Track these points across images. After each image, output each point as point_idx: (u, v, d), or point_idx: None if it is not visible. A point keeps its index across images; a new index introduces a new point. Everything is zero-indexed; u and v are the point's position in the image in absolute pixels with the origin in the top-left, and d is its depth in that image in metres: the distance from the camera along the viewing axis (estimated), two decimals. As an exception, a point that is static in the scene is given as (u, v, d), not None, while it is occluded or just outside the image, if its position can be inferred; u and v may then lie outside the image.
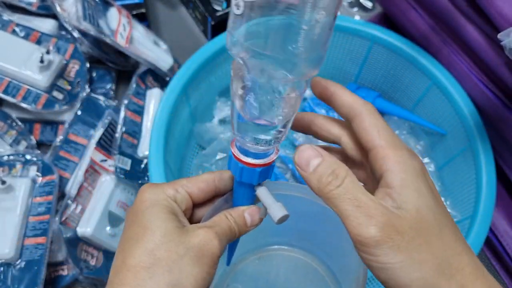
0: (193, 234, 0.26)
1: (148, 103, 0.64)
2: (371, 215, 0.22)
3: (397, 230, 0.22)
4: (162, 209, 0.26)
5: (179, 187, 0.28)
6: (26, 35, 0.62)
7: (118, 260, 0.25)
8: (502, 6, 0.44)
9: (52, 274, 0.54)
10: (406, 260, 0.22)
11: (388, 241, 0.22)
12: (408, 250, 0.22)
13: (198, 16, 0.74)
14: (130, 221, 0.27)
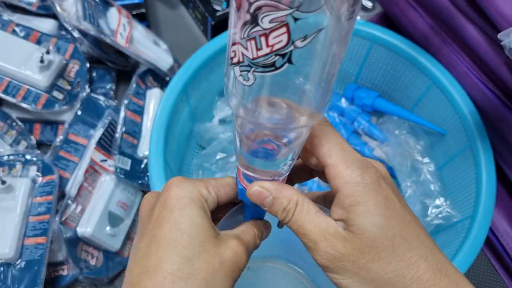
0: (226, 246, 0.25)
1: (148, 103, 0.64)
2: (316, 241, 0.24)
3: (341, 253, 0.23)
4: (199, 212, 0.25)
5: (211, 188, 0.27)
6: (26, 35, 0.63)
7: (151, 260, 0.23)
8: (502, 6, 0.44)
9: (52, 274, 0.54)
10: (356, 281, 0.23)
11: (334, 265, 0.23)
12: (355, 270, 0.23)
13: (198, 16, 0.74)
14: (161, 217, 0.25)
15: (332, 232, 0.24)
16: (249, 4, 0.17)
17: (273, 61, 0.18)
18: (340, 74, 0.65)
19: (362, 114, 0.64)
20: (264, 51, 0.18)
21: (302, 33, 0.17)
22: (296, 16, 0.17)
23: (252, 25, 0.18)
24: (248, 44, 0.18)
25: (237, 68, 0.19)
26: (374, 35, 0.58)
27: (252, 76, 0.19)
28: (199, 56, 0.55)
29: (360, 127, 0.63)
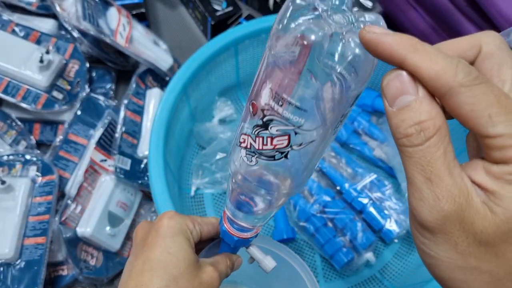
0: (205, 270, 0.31)
1: (148, 103, 0.64)
2: (439, 196, 0.18)
3: (464, 226, 0.18)
4: (186, 241, 0.30)
5: (196, 225, 0.33)
6: (25, 35, 0.62)
7: (144, 277, 0.28)
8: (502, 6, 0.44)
9: (52, 274, 0.54)
10: (457, 261, 0.18)
11: (446, 233, 0.18)
12: (466, 253, 0.18)
13: (198, 16, 0.74)
14: (154, 242, 0.30)
15: (466, 194, 0.18)
16: (263, 116, 0.22)
17: (273, 154, 0.23)
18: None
19: (362, 113, 0.64)
20: (268, 147, 0.23)
21: (298, 142, 0.22)
22: (297, 131, 0.21)
23: (262, 129, 0.22)
24: (257, 139, 0.23)
25: (244, 151, 0.24)
26: (374, 35, 0.58)
27: (255, 160, 0.24)
28: (199, 56, 0.55)
29: (360, 127, 0.63)
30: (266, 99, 0.21)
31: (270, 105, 0.21)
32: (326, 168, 0.60)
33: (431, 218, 0.18)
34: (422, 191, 0.18)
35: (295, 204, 0.57)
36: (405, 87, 0.18)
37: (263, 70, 0.21)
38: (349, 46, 0.19)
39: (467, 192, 0.18)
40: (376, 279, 0.56)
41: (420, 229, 0.19)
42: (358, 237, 0.55)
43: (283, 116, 0.21)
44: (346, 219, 0.56)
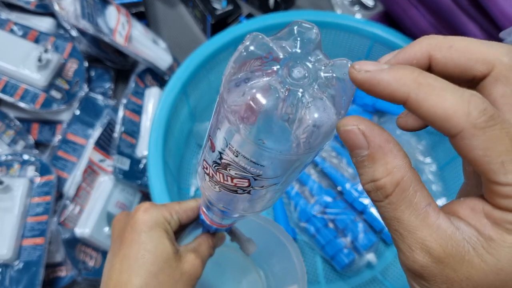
0: (185, 260, 0.30)
1: (147, 102, 0.64)
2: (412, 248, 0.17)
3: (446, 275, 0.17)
4: (162, 234, 0.30)
5: (174, 213, 0.32)
6: (24, 34, 0.62)
7: (123, 276, 0.28)
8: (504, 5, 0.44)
9: (50, 275, 0.54)
10: None
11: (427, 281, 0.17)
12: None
13: (197, 14, 0.74)
14: (131, 239, 0.29)
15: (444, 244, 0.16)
16: (221, 158, 0.20)
17: (235, 190, 0.22)
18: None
19: (364, 113, 0.64)
20: (229, 183, 0.21)
21: (259, 185, 0.21)
22: (256, 178, 0.20)
23: (221, 168, 0.21)
24: (218, 173, 0.22)
25: (207, 177, 0.23)
26: (375, 33, 0.58)
27: (218, 189, 0.23)
28: (199, 55, 0.55)
29: (361, 127, 0.63)
30: (221, 145, 0.20)
31: (225, 152, 0.20)
32: (327, 169, 0.59)
33: (410, 267, 0.17)
34: (396, 242, 0.18)
35: (296, 204, 0.57)
36: (356, 141, 0.17)
37: (216, 113, 0.20)
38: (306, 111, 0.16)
39: (446, 241, 0.16)
40: (377, 280, 0.55)
41: (406, 272, 0.18)
42: (359, 238, 0.54)
43: (239, 165, 0.20)
44: (347, 220, 0.55)
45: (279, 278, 0.42)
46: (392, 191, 0.17)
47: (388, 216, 0.17)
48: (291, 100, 0.16)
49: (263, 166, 0.19)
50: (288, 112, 0.16)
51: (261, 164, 0.19)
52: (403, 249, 0.17)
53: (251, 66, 0.17)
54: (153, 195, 0.46)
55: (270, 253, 0.41)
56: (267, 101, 0.16)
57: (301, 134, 0.17)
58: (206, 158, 0.22)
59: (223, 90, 0.18)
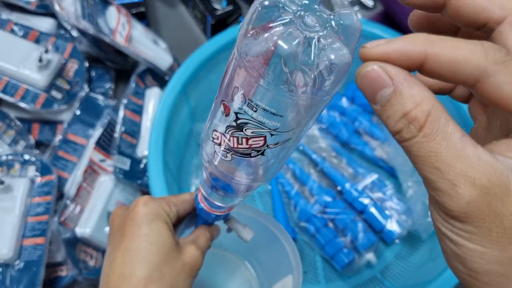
0: (186, 251, 0.31)
1: (147, 102, 0.64)
2: (455, 183, 0.16)
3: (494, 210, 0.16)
4: (164, 226, 0.30)
5: (172, 206, 0.32)
6: (24, 34, 0.62)
7: (126, 268, 0.28)
8: (504, 5, 0.44)
9: (50, 275, 0.54)
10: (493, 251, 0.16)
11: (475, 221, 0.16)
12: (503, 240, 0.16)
13: (197, 15, 0.74)
14: (132, 231, 0.29)
15: (488, 174, 0.16)
16: (237, 118, 0.21)
17: (249, 153, 0.22)
18: (341, 73, 0.65)
19: (363, 113, 0.64)
20: (244, 146, 0.22)
21: (275, 141, 0.22)
22: (273, 133, 0.21)
23: (236, 130, 0.22)
24: (231, 138, 0.22)
25: (218, 147, 0.24)
26: (375, 34, 0.58)
27: (230, 157, 0.23)
28: (199, 55, 0.55)
29: (361, 127, 0.63)
30: (238, 104, 0.20)
31: (243, 109, 0.20)
32: (327, 168, 0.59)
33: (454, 207, 0.16)
34: (435, 182, 0.16)
35: (296, 204, 0.57)
36: (379, 81, 0.17)
37: (232, 73, 0.20)
38: (323, 52, 0.18)
39: (490, 171, 0.16)
40: (377, 279, 0.55)
41: (445, 219, 0.17)
42: (359, 237, 0.54)
43: (257, 121, 0.20)
44: (347, 220, 0.55)
45: (271, 272, 0.42)
46: (425, 120, 0.16)
47: (424, 153, 0.16)
48: (309, 44, 0.18)
49: (282, 117, 0.20)
50: (308, 55, 0.18)
51: (280, 114, 0.20)
52: (444, 187, 0.16)
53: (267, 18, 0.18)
54: (153, 195, 0.46)
55: (260, 246, 0.41)
56: (288, 45, 0.17)
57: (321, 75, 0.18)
58: (217, 127, 0.23)
59: (241, 45, 0.19)
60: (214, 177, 0.27)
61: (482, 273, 0.17)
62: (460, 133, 0.16)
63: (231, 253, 0.47)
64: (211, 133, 0.24)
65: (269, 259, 0.42)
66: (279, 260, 0.39)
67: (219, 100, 0.22)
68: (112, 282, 0.28)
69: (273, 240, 0.38)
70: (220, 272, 0.46)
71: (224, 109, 0.22)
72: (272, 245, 0.39)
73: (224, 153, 0.24)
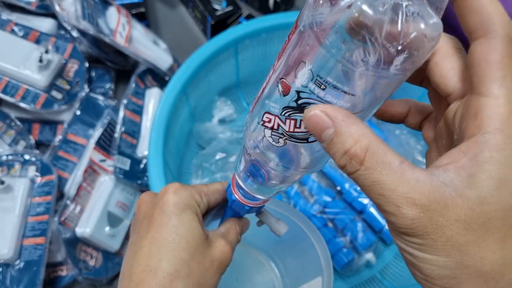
0: (215, 246, 0.28)
1: (147, 102, 0.64)
2: (398, 205, 0.18)
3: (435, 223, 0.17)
4: (193, 218, 0.28)
5: (203, 195, 0.30)
6: (25, 35, 0.62)
7: (152, 261, 0.26)
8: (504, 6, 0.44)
9: (51, 274, 0.54)
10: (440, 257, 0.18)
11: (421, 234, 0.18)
12: (447, 249, 0.18)
13: (197, 15, 0.74)
14: (160, 221, 0.27)
15: (426, 192, 0.17)
16: (298, 98, 0.19)
17: (307, 137, 0.20)
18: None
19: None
20: (302, 129, 0.20)
21: None
22: None
23: (295, 112, 0.19)
24: (287, 121, 0.20)
25: (269, 131, 0.21)
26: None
27: (283, 142, 0.21)
28: (199, 55, 0.55)
29: (360, 127, 0.63)
30: (303, 81, 0.18)
31: (309, 87, 0.18)
32: (326, 168, 0.59)
33: (401, 225, 0.18)
34: (382, 206, 0.18)
35: (295, 204, 0.57)
36: (322, 123, 0.19)
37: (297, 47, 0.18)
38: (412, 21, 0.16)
39: (428, 190, 0.17)
40: (376, 279, 0.55)
41: (398, 234, 0.19)
42: (358, 237, 0.54)
43: (324, 101, 0.18)
44: (347, 220, 0.55)
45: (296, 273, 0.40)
46: (364, 155, 0.18)
47: (368, 183, 0.18)
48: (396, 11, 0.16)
49: (353, 96, 0.18)
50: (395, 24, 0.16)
51: (352, 92, 0.17)
52: (390, 210, 0.18)
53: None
54: (154, 195, 0.46)
55: (287, 243, 0.39)
56: (374, 12, 0.15)
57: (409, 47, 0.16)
58: (270, 108, 0.20)
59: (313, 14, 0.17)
60: (255, 164, 0.25)
61: (436, 278, 0.18)
62: (398, 160, 0.18)
63: (255, 250, 0.44)
64: (261, 116, 0.21)
65: (295, 259, 0.40)
66: (307, 260, 0.36)
67: (276, 78, 0.19)
68: (136, 274, 0.26)
69: (302, 239, 0.36)
70: (242, 268, 0.44)
71: (283, 88, 0.19)
72: (300, 244, 0.36)
73: (276, 137, 0.21)
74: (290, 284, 0.41)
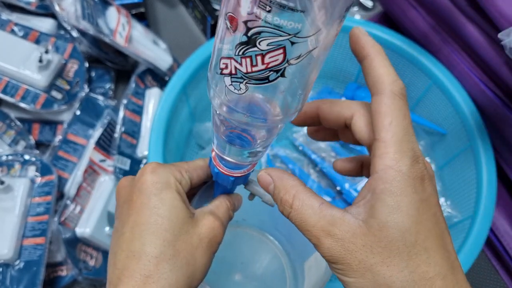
0: (202, 223, 0.27)
1: (147, 102, 0.64)
2: (319, 237, 0.22)
3: (347, 249, 0.21)
4: (175, 196, 0.27)
5: (184, 172, 0.29)
6: (25, 35, 0.62)
7: (135, 245, 0.25)
8: (503, 6, 0.44)
9: (51, 274, 0.54)
10: (360, 282, 0.21)
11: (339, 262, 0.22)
12: (361, 270, 0.21)
13: (197, 15, 0.74)
14: (140, 203, 0.26)
15: (338, 225, 0.22)
16: (247, 29, 0.18)
17: (267, 75, 0.19)
18: (341, 73, 0.65)
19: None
20: (259, 67, 0.19)
21: (297, 53, 0.18)
22: (293, 40, 0.18)
23: (248, 46, 0.18)
24: (243, 60, 0.19)
25: (228, 79, 0.20)
26: (374, 34, 0.58)
27: (244, 87, 0.20)
28: (199, 55, 0.55)
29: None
30: (248, 7, 0.17)
31: (254, 13, 0.17)
32: (326, 168, 0.59)
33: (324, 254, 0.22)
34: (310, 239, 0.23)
35: (295, 204, 0.57)
36: (267, 180, 0.25)
37: None
38: None
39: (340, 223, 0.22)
40: (376, 279, 0.55)
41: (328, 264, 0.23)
42: (358, 237, 0.54)
43: (273, 24, 0.17)
44: (346, 219, 0.55)
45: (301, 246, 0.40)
46: (292, 201, 0.23)
47: (298, 222, 0.23)
48: None
49: (303, 13, 0.16)
50: None
51: (301, 9, 0.16)
52: (314, 242, 0.23)
53: None
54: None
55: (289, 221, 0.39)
56: None
57: None
58: (223, 52, 0.20)
59: None
60: (227, 125, 0.24)
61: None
62: (319, 202, 0.23)
63: (257, 230, 0.43)
64: (218, 64, 0.20)
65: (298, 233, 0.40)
66: None
67: (224, 16, 0.19)
68: (120, 261, 0.25)
69: None
70: (245, 250, 0.43)
71: (231, 23, 0.18)
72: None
73: (237, 84, 0.20)
74: (297, 258, 0.41)
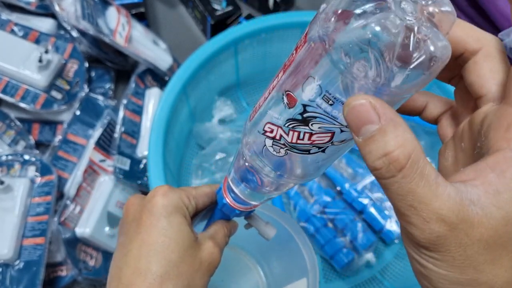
0: (204, 248, 0.29)
1: (147, 102, 0.64)
2: (427, 220, 0.17)
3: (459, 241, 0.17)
4: (182, 220, 0.28)
5: (191, 198, 0.30)
6: (24, 35, 0.62)
7: (141, 263, 0.26)
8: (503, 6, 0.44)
9: (50, 274, 0.54)
10: (455, 274, 0.18)
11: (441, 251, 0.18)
12: (464, 265, 0.18)
13: (197, 15, 0.74)
14: (149, 223, 0.27)
15: (456, 211, 0.17)
16: (304, 111, 0.19)
17: (309, 149, 0.20)
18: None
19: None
20: (305, 142, 0.20)
21: (342, 138, 0.19)
22: (344, 129, 0.19)
23: (300, 124, 0.19)
24: (291, 132, 0.20)
25: (270, 141, 0.21)
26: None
27: (284, 152, 0.21)
28: (199, 55, 0.55)
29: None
30: (311, 96, 0.18)
31: (316, 102, 0.18)
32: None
33: (424, 239, 0.18)
34: (408, 217, 0.18)
35: (295, 204, 0.57)
36: (367, 116, 0.17)
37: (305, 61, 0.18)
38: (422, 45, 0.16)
39: (458, 208, 0.17)
40: (376, 279, 0.55)
41: (414, 247, 0.19)
42: (358, 237, 0.54)
43: (331, 116, 0.18)
44: (347, 220, 0.55)
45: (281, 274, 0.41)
46: (405, 163, 0.17)
47: (402, 192, 0.17)
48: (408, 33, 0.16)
49: None
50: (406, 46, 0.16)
51: None
52: (417, 222, 0.17)
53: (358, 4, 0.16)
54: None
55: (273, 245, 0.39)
56: (387, 34, 0.15)
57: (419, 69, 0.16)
58: (273, 119, 0.21)
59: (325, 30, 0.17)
60: (250, 170, 0.25)
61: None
62: (434, 174, 0.17)
63: (240, 251, 0.45)
64: (263, 126, 0.21)
65: (280, 260, 0.41)
66: (292, 261, 0.36)
67: (282, 90, 0.20)
68: (126, 277, 0.26)
69: (288, 240, 0.36)
70: (229, 269, 0.44)
71: (289, 101, 0.19)
72: (285, 245, 0.37)
73: (277, 147, 0.21)
74: (274, 284, 0.42)
